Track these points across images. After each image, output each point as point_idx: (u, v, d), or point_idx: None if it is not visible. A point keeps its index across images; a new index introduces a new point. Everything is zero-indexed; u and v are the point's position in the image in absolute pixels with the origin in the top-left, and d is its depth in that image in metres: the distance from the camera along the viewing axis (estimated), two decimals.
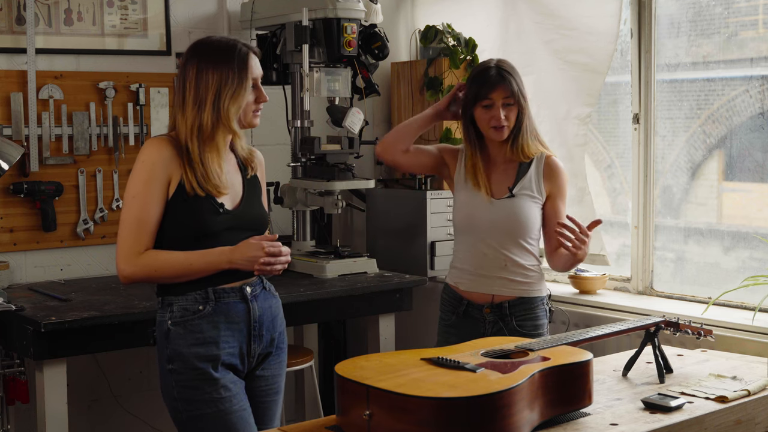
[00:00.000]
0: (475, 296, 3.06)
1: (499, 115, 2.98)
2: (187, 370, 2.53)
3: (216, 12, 4.41)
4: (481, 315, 3.04)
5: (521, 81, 3.05)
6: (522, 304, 3.04)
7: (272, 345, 2.68)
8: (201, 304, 2.56)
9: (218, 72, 2.54)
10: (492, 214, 3.02)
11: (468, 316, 3.07)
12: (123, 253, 2.53)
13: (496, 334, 3.00)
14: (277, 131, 4.45)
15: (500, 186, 3.05)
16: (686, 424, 2.20)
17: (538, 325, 3.06)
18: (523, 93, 3.03)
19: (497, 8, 4.43)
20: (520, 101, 3.01)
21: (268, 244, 2.52)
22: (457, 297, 3.10)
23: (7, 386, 3.55)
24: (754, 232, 3.73)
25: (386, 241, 4.52)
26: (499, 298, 3.03)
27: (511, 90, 2.99)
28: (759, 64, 3.67)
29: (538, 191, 3.05)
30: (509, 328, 3.02)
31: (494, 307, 3.03)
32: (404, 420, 1.93)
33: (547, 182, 3.06)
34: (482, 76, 3.02)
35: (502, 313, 3.02)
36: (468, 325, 3.06)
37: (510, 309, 3.03)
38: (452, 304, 3.11)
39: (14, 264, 3.90)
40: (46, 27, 3.96)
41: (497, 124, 2.99)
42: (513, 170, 3.06)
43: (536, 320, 3.06)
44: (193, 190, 2.52)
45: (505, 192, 3.03)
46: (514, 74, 3.02)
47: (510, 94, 2.99)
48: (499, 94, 2.98)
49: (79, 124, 3.99)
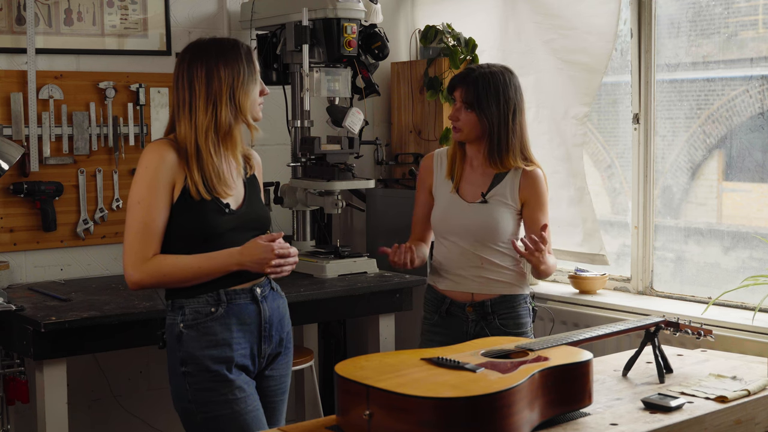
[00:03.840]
0: (457, 295, 3.07)
1: (455, 114, 3.03)
2: (202, 372, 2.52)
3: (216, 12, 4.41)
4: (464, 313, 3.05)
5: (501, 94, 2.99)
6: (504, 302, 3.04)
7: (281, 345, 2.69)
8: (213, 306, 2.55)
9: (229, 67, 2.56)
10: (465, 218, 3.04)
11: (451, 315, 3.08)
12: (131, 260, 2.52)
13: (479, 333, 3.00)
14: (277, 131, 4.45)
15: (475, 189, 3.06)
16: (686, 424, 2.20)
17: (520, 324, 3.05)
18: (486, 105, 2.97)
19: (497, 8, 4.43)
20: (481, 111, 2.98)
21: (278, 245, 2.52)
22: (439, 296, 3.11)
23: (7, 386, 3.55)
24: (754, 232, 3.73)
25: (386, 241, 4.49)
26: (479, 297, 3.04)
27: (466, 96, 3.00)
28: (759, 64, 3.67)
29: (512, 199, 3.04)
30: (492, 326, 3.02)
31: (476, 305, 3.04)
32: (404, 420, 1.93)
33: (522, 191, 3.04)
34: (461, 72, 3.09)
35: (485, 312, 3.03)
36: (451, 324, 3.07)
37: (492, 307, 3.03)
38: (435, 303, 3.13)
39: (14, 264, 3.90)
40: (46, 27, 3.96)
41: (452, 122, 3.05)
42: (490, 176, 3.07)
43: (518, 318, 3.05)
44: (199, 194, 2.52)
45: (479, 197, 3.05)
46: (487, 83, 2.98)
47: (465, 99, 3.01)
48: (458, 94, 3.03)
49: (79, 124, 3.99)
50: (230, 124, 2.57)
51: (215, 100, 2.54)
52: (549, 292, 4.15)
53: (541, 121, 4.21)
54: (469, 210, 3.04)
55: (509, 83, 3.02)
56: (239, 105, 2.57)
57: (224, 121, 2.56)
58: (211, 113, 2.54)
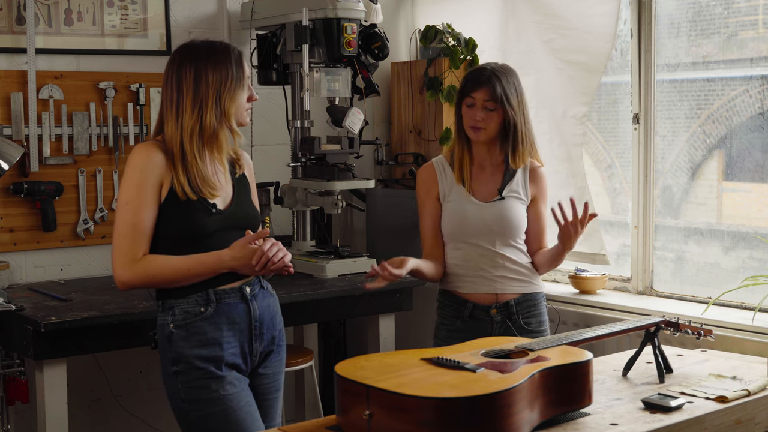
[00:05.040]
0: (480, 297, 3.06)
1: (477, 115, 3.01)
2: (192, 371, 2.54)
3: (216, 12, 4.41)
4: (488, 316, 3.05)
5: (516, 90, 3.03)
6: (526, 301, 3.07)
7: (273, 343, 2.70)
8: (202, 306, 2.56)
9: (218, 71, 2.57)
10: (484, 217, 3.04)
11: (474, 319, 3.07)
12: (119, 260, 2.53)
13: (504, 334, 3.01)
14: (277, 131, 4.45)
15: (488, 188, 3.07)
16: (686, 424, 2.20)
17: (542, 321, 3.10)
18: (511, 101, 3.00)
19: (497, 8, 4.43)
20: (505, 108, 2.99)
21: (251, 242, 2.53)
22: (460, 301, 3.09)
23: (7, 386, 3.55)
24: (754, 232, 3.73)
25: (386, 241, 4.52)
26: (504, 297, 3.05)
27: (494, 93, 2.99)
28: (759, 64, 3.67)
29: (525, 194, 3.09)
30: (516, 326, 3.04)
31: (501, 306, 3.05)
32: (404, 420, 1.93)
33: (532, 185, 3.10)
34: (473, 74, 3.07)
35: (509, 312, 3.04)
36: (474, 327, 3.05)
37: (516, 307, 3.05)
38: (455, 308, 3.11)
39: (14, 264, 3.90)
40: (46, 27, 3.96)
41: (473, 123, 3.02)
42: (500, 174, 3.08)
43: (540, 316, 3.10)
44: (185, 195, 2.53)
45: (495, 194, 3.05)
46: (505, 80, 3.01)
47: (491, 98, 2.99)
48: (481, 94, 3.00)
49: (79, 124, 3.99)
50: (214, 128, 2.58)
51: (201, 103, 2.56)
52: (549, 292, 4.13)
53: (541, 121, 4.21)
54: (487, 209, 3.05)
55: (518, 80, 3.07)
56: (224, 109, 2.57)
57: (209, 125, 2.56)
58: (197, 115, 2.55)
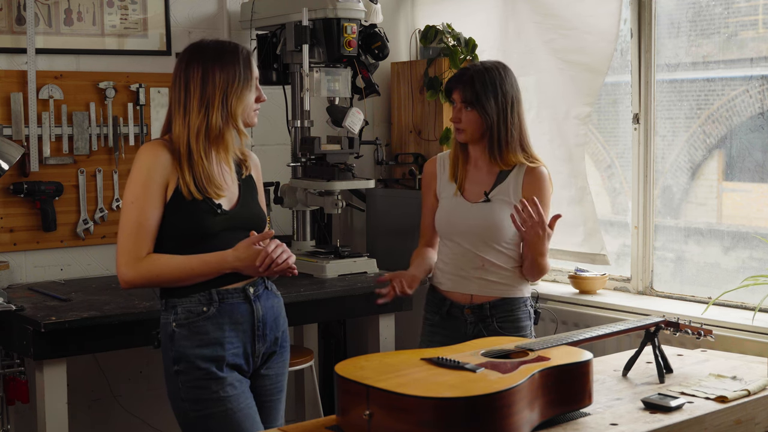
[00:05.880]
0: (456, 296, 3.06)
1: (456, 116, 3.03)
2: (193, 371, 2.54)
3: (216, 12, 4.41)
4: (463, 315, 3.04)
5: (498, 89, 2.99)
6: (503, 305, 3.02)
7: (276, 344, 2.69)
8: (205, 305, 2.56)
9: (225, 72, 2.56)
10: (468, 218, 3.03)
11: (451, 316, 3.07)
12: (124, 259, 2.53)
13: (477, 335, 2.96)
14: (277, 131, 4.45)
15: (478, 189, 3.06)
16: (686, 424, 2.20)
17: (520, 327, 3.02)
18: (484, 101, 2.97)
19: (497, 8, 4.43)
20: (482, 108, 2.97)
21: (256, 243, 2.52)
22: (440, 297, 3.11)
23: (7, 386, 3.55)
24: (754, 232, 3.73)
25: (386, 241, 4.52)
26: (479, 299, 3.02)
27: (465, 95, 2.99)
28: (759, 64, 3.67)
29: (515, 197, 3.01)
30: (490, 329, 2.99)
31: (474, 307, 3.02)
32: (404, 420, 1.93)
33: (527, 187, 3.01)
34: (455, 74, 3.09)
35: (483, 314, 3.01)
36: (451, 325, 3.06)
37: (491, 310, 3.01)
38: (436, 304, 3.12)
39: (14, 264, 3.90)
40: (46, 27, 3.96)
41: (455, 124, 3.05)
42: (494, 175, 3.05)
43: (517, 322, 3.02)
44: (191, 194, 2.53)
45: (482, 196, 3.04)
46: (484, 80, 2.98)
47: (464, 99, 3.00)
48: (456, 95, 3.02)
49: (79, 124, 3.99)
50: (221, 128, 2.57)
51: (208, 103, 2.55)
52: (549, 292, 4.15)
53: (542, 121, 4.21)
54: (472, 210, 3.04)
55: (504, 77, 3.02)
56: (231, 110, 2.57)
57: (215, 125, 2.56)
58: (203, 115, 2.55)
